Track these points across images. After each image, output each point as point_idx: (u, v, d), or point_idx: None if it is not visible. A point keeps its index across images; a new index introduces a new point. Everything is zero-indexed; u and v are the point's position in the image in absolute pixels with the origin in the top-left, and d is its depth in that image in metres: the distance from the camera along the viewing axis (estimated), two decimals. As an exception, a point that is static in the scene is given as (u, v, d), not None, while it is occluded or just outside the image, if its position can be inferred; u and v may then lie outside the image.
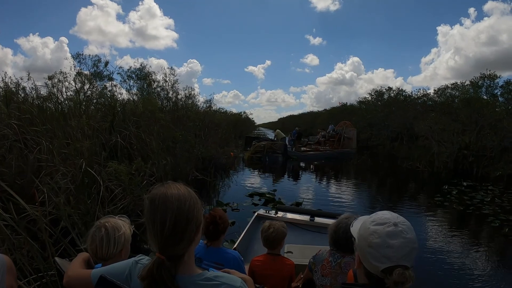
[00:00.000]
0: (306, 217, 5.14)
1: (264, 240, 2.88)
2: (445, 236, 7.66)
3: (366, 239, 1.15)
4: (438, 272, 5.68)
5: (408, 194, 13.19)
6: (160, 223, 1.09)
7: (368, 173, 18.96)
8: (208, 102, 19.87)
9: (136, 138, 8.66)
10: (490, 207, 9.94)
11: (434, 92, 29.48)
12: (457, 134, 18.51)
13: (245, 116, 43.37)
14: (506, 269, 6.11)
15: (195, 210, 1.15)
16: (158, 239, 1.10)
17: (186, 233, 1.11)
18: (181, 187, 1.18)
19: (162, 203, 1.11)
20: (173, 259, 1.11)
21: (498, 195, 11.52)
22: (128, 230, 1.90)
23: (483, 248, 7.10)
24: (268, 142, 20.67)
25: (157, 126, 9.96)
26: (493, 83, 24.41)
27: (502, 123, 17.13)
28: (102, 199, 5.44)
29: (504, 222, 8.49)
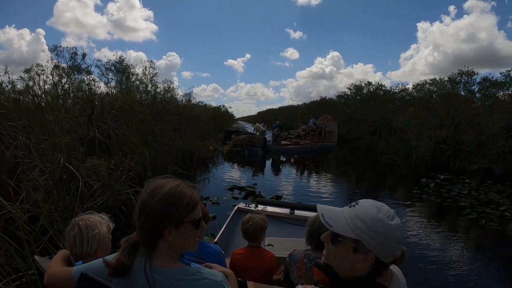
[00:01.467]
0: (286, 210, 5.16)
1: (244, 233, 2.89)
2: (424, 228, 7.81)
3: (393, 236, 1.14)
4: (418, 264, 5.77)
5: (387, 187, 13.37)
6: (142, 207, 1.16)
7: (347, 167, 19.16)
8: (187, 96, 19.80)
9: (115, 133, 8.56)
10: (467, 200, 10.16)
11: (413, 87, 29.96)
12: (435, 129, 18.78)
13: (224, 110, 43.28)
14: (483, 259, 6.27)
15: (169, 207, 1.15)
16: (138, 220, 1.18)
17: (145, 223, 1.15)
18: (170, 183, 1.20)
19: (143, 191, 1.19)
20: (145, 247, 1.16)
21: (475, 188, 11.76)
22: (105, 229, 1.87)
23: (461, 239, 7.27)
24: (247, 136, 20.68)
25: (136, 120, 9.87)
26: (471, 79, 24.89)
27: (479, 118, 17.44)
28: (81, 195, 5.37)
29: (480, 214, 8.69)
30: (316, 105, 41.56)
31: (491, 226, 7.91)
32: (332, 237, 1.19)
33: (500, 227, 7.92)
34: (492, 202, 9.95)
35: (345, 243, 1.15)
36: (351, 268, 1.15)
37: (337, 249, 1.18)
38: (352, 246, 1.14)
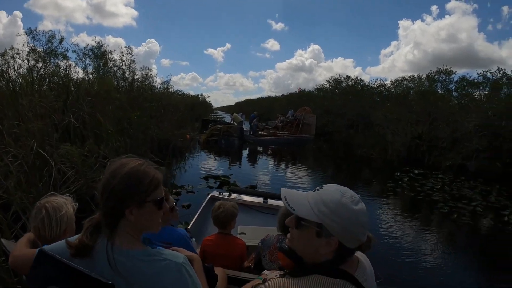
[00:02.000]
0: (260, 199, 5.19)
1: (214, 220, 2.91)
2: (397, 221, 8.00)
3: (357, 221, 1.12)
4: (391, 256, 5.91)
5: (362, 180, 13.59)
6: (105, 185, 1.16)
7: (324, 159, 19.38)
8: (165, 84, 19.62)
9: (90, 119, 8.47)
10: (440, 194, 10.43)
11: (391, 83, 30.23)
12: (411, 124, 19.15)
13: (202, 99, 43.11)
14: (454, 252, 6.52)
15: (131, 186, 1.14)
16: (100, 198, 1.17)
17: (107, 202, 1.14)
18: (133, 162, 1.20)
19: (108, 165, 1.20)
20: (106, 226, 1.16)
21: (448, 183, 12.08)
22: (71, 209, 1.87)
23: (433, 232, 7.51)
24: (224, 125, 20.73)
25: (112, 107, 9.78)
26: (449, 78, 25.34)
27: (454, 116, 17.86)
28: (55, 182, 5.33)
29: (452, 209, 8.94)
30: (295, 97, 41.64)
31: (463, 221, 8.15)
32: (296, 221, 1.17)
33: (472, 221, 8.18)
34: (465, 197, 10.23)
35: (309, 227, 1.13)
36: (315, 253, 1.14)
37: (301, 233, 1.16)
38: (315, 230, 1.12)
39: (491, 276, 5.71)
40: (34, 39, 13.23)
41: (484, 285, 5.42)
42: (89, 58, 15.29)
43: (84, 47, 15.58)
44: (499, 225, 8.09)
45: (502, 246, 7.18)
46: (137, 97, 13.06)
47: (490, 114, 16.39)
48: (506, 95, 17.86)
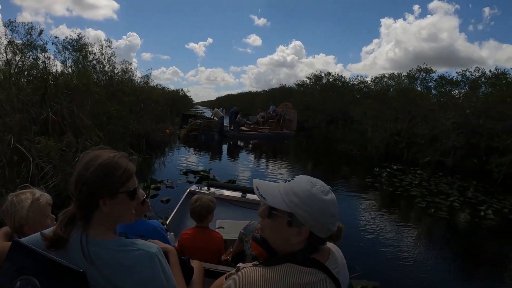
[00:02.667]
0: (238, 193, 5.22)
1: (190, 213, 2.91)
2: (376, 215, 8.16)
3: (327, 211, 1.14)
4: (368, 250, 6.04)
5: (342, 175, 13.76)
6: (77, 177, 1.16)
7: (304, 154, 19.47)
8: (146, 78, 19.46)
9: (69, 113, 8.39)
10: (418, 190, 10.63)
11: (371, 80, 30.35)
12: (390, 121, 19.42)
13: (183, 94, 42.74)
14: (432, 245, 6.68)
15: (104, 177, 1.16)
16: (75, 191, 1.17)
17: (81, 193, 1.15)
18: (106, 153, 1.21)
19: (81, 157, 1.20)
20: (81, 218, 1.16)
21: (426, 179, 12.33)
22: (34, 204, 1.81)
23: (411, 226, 7.69)
24: (204, 120, 20.63)
25: (91, 101, 9.69)
26: (428, 76, 25.75)
27: (433, 114, 18.12)
28: (33, 177, 5.30)
29: (430, 203, 9.15)
30: (276, 92, 41.65)
31: (440, 215, 8.35)
32: (268, 211, 1.20)
33: (449, 216, 8.39)
34: (442, 193, 10.46)
35: (280, 217, 1.16)
36: (286, 242, 1.16)
37: (273, 223, 1.19)
38: (287, 220, 1.14)
39: (467, 268, 5.89)
40: (12, 31, 12.93)
41: (461, 276, 5.57)
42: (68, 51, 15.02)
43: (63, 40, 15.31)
44: (476, 219, 8.29)
45: (478, 240, 7.43)
46: (117, 91, 12.95)
47: (468, 112, 16.72)
48: (484, 94, 18.25)
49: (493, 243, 7.40)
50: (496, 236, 7.72)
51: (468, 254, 6.63)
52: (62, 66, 13.07)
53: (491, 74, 19.67)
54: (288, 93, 37.23)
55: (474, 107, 16.47)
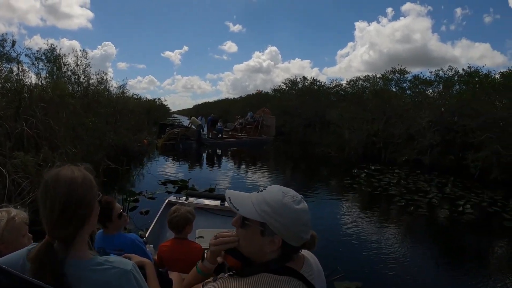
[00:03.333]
0: (217, 202, 5.20)
1: (168, 224, 2.90)
2: (356, 216, 8.24)
3: (299, 220, 1.15)
4: (350, 251, 6.08)
5: (321, 178, 13.93)
6: (50, 205, 1.10)
7: (283, 159, 19.67)
8: (121, 88, 19.28)
9: (44, 126, 8.26)
10: (397, 188, 10.81)
11: (347, 83, 30.62)
12: (367, 122, 19.73)
13: (160, 103, 42.47)
14: (413, 243, 6.80)
15: (87, 194, 1.16)
16: (48, 221, 1.11)
17: (75, 217, 1.12)
18: (76, 170, 1.18)
19: (53, 185, 1.12)
20: (63, 242, 1.12)
21: (404, 178, 12.56)
22: (10, 222, 1.76)
23: (392, 225, 7.77)
24: (182, 129, 20.59)
25: (67, 113, 9.57)
26: (403, 77, 26.35)
27: (408, 113, 18.54)
28: (9, 193, 5.21)
29: (409, 202, 9.29)
30: (252, 98, 41.80)
31: (419, 212, 8.50)
32: (241, 221, 1.22)
33: (428, 213, 8.54)
34: (421, 190, 10.67)
35: (252, 227, 1.17)
36: (260, 251, 1.17)
37: (246, 233, 1.20)
38: (259, 229, 1.16)
39: (449, 263, 5.97)
40: (-16, 42, 12.59)
41: (443, 271, 5.61)
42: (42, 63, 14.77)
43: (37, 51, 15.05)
44: (455, 214, 8.46)
45: (458, 234, 7.61)
46: (92, 102, 12.82)
47: (442, 111, 17.09)
48: (457, 92, 18.74)
49: (473, 236, 7.59)
50: (476, 229, 7.90)
51: (449, 249, 6.77)
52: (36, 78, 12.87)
53: (464, 72, 20.12)
54: (265, 98, 37.38)
55: (448, 105, 16.91)
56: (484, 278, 5.39)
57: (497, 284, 5.14)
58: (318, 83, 32.24)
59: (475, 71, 19.12)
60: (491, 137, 13.37)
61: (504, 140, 13.03)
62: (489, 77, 16.89)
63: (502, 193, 10.70)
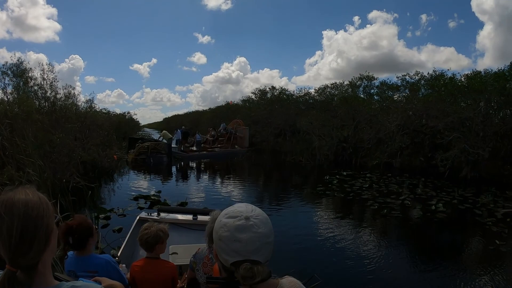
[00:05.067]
0: (189, 216, 5.16)
1: (139, 242, 2.80)
2: (330, 222, 8.27)
3: (217, 232, 1.13)
4: (327, 258, 6.09)
5: (293, 186, 13.94)
6: (7, 232, 0.99)
7: (254, 169, 19.62)
8: (89, 102, 18.96)
9: (10, 143, 8.04)
10: (369, 192, 10.98)
11: (315, 91, 31.17)
12: (336, 129, 20.03)
13: (129, 117, 41.99)
14: (388, 244, 6.88)
15: (45, 217, 1.05)
16: (7, 249, 1.00)
17: (35, 241, 1.01)
18: (30, 192, 1.06)
19: (8, 210, 1.01)
20: (25, 270, 1.03)
21: (376, 181, 12.75)
22: None
23: (366, 229, 7.86)
24: (152, 143, 20.36)
25: (33, 129, 9.35)
26: (370, 83, 26.98)
27: (376, 118, 18.99)
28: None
29: (382, 205, 9.45)
30: (222, 109, 41.84)
31: (393, 214, 8.65)
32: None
33: (402, 214, 8.72)
34: (393, 192, 10.88)
35: None
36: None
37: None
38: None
39: (426, 261, 6.06)
40: None
41: (421, 270, 5.72)
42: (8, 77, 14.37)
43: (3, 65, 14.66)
44: (428, 214, 8.67)
45: (433, 233, 7.79)
46: (60, 117, 12.54)
47: (410, 114, 17.51)
48: (423, 95, 19.32)
49: (447, 234, 7.78)
50: (449, 227, 8.11)
51: (424, 248, 6.90)
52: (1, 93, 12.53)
53: (430, 76, 20.85)
54: (235, 109, 37.47)
55: (416, 109, 17.27)
56: (460, 273, 5.53)
57: (473, 278, 5.26)
58: (287, 92, 32.66)
59: (441, 75, 19.79)
60: (459, 137, 13.79)
61: (471, 139, 13.50)
62: (453, 80, 17.50)
63: (472, 190, 11.02)
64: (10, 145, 7.98)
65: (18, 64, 14.83)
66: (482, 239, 7.15)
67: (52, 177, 8.56)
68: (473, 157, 13.22)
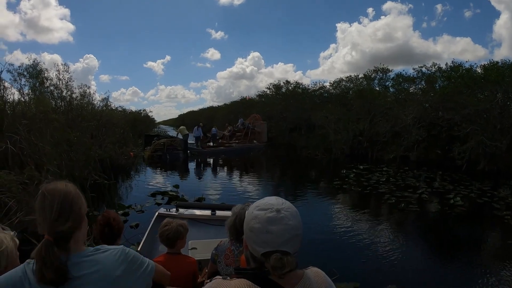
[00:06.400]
0: (208, 211, 5.19)
1: (160, 238, 2.83)
2: (348, 217, 8.26)
3: (248, 224, 1.15)
4: (344, 252, 6.09)
5: (309, 181, 13.90)
6: (49, 208, 1.26)
7: (270, 164, 19.63)
8: (105, 101, 19.12)
9: (28, 143, 8.12)
10: (386, 186, 10.90)
11: (330, 85, 31.00)
12: (352, 123, 19.87)
13: (144, 114, 42.30)
14: (406, 239, 6.85)
15: (79, 203, 1.34)
16: (47, 221, 1.26)
17: (69, 218, 1.28)
18: (68, 184, 1.37)
19: (51, 192, 1.29)
20: (60, 243, 1.25)
21: (392, 175, 12.65)
22: (12, 243, 1.73)
23: (384, 223, 7.81)
24: (168, 139, 20.43)
25: (51, 129, 9.44)
26: (385, 76, 26.66)
27: (392, 111, 18.78)
28: (-5, 214, 5.11)
29: (399, 198, 9.39)
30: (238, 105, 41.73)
31: (410, 209, 8.57)
32: None
33: (419, 208, 8.63)
34: (410, 186, 10.77)
35: None
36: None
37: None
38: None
39: (444, 256, 6.01)
40: (-35, 60, 12.33)
41: (439, 265, 5.63)
42: (24, 78, 14.59)
43: (18, 67, 14.90)
44: (446, 208, 8.57)
45: (451, 227, 7.69)
46: (76, 116, 12.67)
47: (426, 106, 17.37)
48: (440, 87, 19.01)
49: (465, 228, 7.68)
50: (467, 221, 8.01)
51: (442, 242, 6.81)
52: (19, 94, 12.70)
53: (447, 67, 20.37)
54: (249, 104, 37.42)
55: (432, 101, 17.08)
56: (478, 268, 5.43)
57: (491, 273, 5.17)
58: (301, 86, 32.45)
59: (458, 66, 19.43)
60: (476, 129, 13.58)
61: (489, 131, 13.26)
62: (470, 71, 17.14)
63: (490, 183, 10.87)
64: (28, 145, 8.06)
65: (34, 65, 15.05)
66: (500, 233, 7.09)
67: (70, 175, 8.63)
68: (490, 149, 13.03)
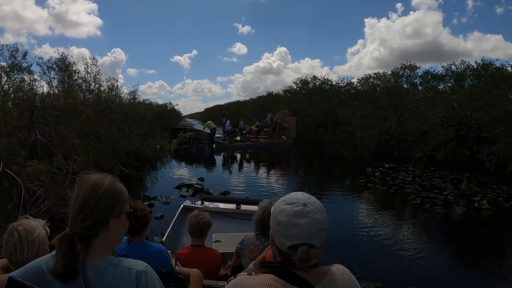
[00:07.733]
0: (232, 205, 5.20)
1: (190, 230, 2.87)
2: (372, 215, 8.19)
3: (275, 217, 1.17)
4: (367, 251, 6.04)
5: (334, 178, 13.80)
6: (74, 200, 1.18)
7: (295, 160, 19.56)
8: (132, 94, 19.38)
9: (57, 134, 8.29)
10: (412, 186, 10.73)
11: (358, 81, 30.70)
12: (379, 120, 19.63)
13: (171, 107, 42.75)
14: (430, 241, 6.76)
15: (109, 200, 1.20)
16: (70, 214, 1.18)
17: (91, 215, 1.15)
18: (107, 178, 1.25)
19: (80, 184, 1.21)
20: (81, 240, 1.16)
21: (418, 175, 12.44)
22: (43, 232, 1.80)
23: (408, 223, 7.72)
24: (194, 133, 20.56)
25: (79, 120, 9.61)
26: (413, 73, 26.16)
27: (420, 109, 18.42)
28: (24, 202, 5.20)
29: (425, 199, 9.24)
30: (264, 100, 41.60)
31: (435, 210, 8.44)
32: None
33: (444, 210, 8.48)
34: (436, 187, 10.57)
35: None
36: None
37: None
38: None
39: (468, 260, 5.90)
40: (-3, 54, 12.70)
41: (461, 268, 5.58)
42: (53, 71, 14.92)
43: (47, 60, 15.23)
44: (472, 211, 8.37)
45: (476, 231, 7.53)
46: (104, 109, 12.87)
47: (455, 106, 16.98)
48: (469, 86, 18.49)
49: (490, 233, 7.49)
50: (493, 225, 7.80)
51: (466, 246, 6.68)
52: (48, 86, 12.99)
53: (476, 65, 19.88)
54: (275, 99, 37.17)
55: (461, 100, 16.68)
56: (502, 276, 5.32)
57: None
58: (328, 82, 32.12)
59: (488, 64, 18.78)
60: (505, 130, 13.18)
61: (518, 133, 12.85)
62: (501, 70, 16.58)
63: (518, 187, 10.49)
64: (57, 136, 8.22)
65: (63, 59, 15.36)
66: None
67: (97, 166, 8.77)
68: (520, 152, 12.53)
